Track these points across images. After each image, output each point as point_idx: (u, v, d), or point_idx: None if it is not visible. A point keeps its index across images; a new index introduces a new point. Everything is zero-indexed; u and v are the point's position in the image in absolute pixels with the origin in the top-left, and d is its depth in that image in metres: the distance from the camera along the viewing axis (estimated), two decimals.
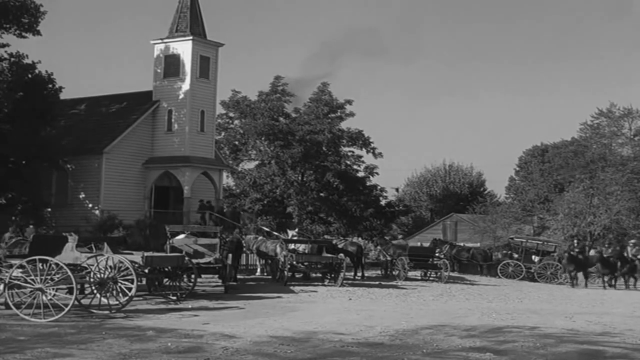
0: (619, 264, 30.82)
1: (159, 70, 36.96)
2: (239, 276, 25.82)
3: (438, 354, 11.42)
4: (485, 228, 53.95)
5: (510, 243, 39.08)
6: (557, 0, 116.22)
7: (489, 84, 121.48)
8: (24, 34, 31.90)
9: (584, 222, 46.49)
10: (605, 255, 31.74)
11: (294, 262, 24.97)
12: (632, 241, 34.47)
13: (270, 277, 26.84)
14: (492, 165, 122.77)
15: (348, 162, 55.44)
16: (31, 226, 24.97)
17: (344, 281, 24.89)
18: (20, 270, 15.49)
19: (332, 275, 25.41)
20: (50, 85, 32.08)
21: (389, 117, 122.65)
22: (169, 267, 19.40)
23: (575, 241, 36.95)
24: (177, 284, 19.58)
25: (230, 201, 50.20)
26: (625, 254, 32.07)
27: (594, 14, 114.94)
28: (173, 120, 36.37)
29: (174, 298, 18.88)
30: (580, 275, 31.56)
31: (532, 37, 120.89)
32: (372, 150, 54.41)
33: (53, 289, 15.12)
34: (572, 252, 32.64)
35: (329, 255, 26.27)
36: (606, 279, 30.83)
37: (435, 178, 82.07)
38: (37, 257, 15.62)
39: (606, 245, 35.14)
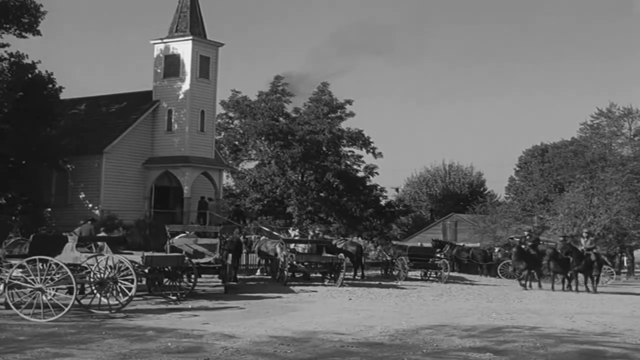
0: (571, 260, 26.89)
1: (159, 70, 36.96)
2: (239, 276, 25.81)
3: (438, 354, 11.42)
4: (485, 228, 53.96)
5: (510, 243, 39.07)
6: (557, 1, 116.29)
7: (489, 84, 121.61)
8: (24, 34, 31.89)
9: (584, 222, 46.47)
10: (558, 251, 27.50)
11: (294, 262, 24.99)
12: (585, 231, 30.22)
13: (270, 277, 26.84)
14: (492, 165, 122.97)
15: (348, 162, 55.45)
16: (89, 222, 24.84)
17: (344, 281, 24.89)
18: (20, 270, 15.48)
19: (332, 275, 25.42)
20: (50, 85, 32.07)
21: (390, 116, 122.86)
22: (169, 267, 19.41)
23: (526, 233, 31.08)
24: (177, 284, 19.58)
25: (230, 201, 50.20)
26: (580, 248, 27.93)
27: (594, 14, 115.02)
28: (173, 120, 36.36)
29: (174, 298, 18.87)
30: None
31: (532, 38, 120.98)
32: (372, 150, 54.43)
33: (53, 289, 15.12)
34: (522, 247, 28.35)
35: (329, 255, 26.28)
36: (559, 277, 27.68)
37: (435, 178, 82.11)
38: (37, 257, 15.62)
39: (561, 239, 29.79)
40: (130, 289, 16.11)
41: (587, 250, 27.44)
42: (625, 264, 56.69)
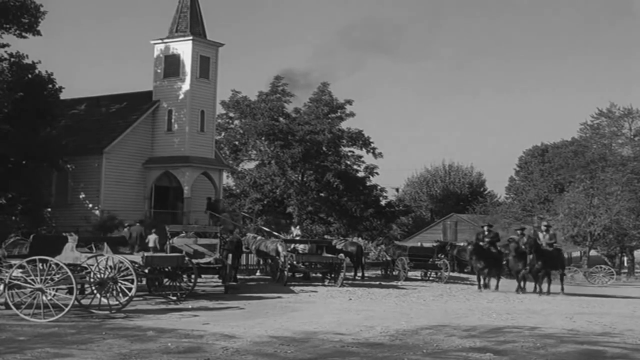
0: (531, 256, 23.78)
1: (159, 70, 36.95)
2: (239, 276, 25.82)
3: (438, 354, 11.42)
4: None
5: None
6: (557, 1, 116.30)
7: (489, 84, 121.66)
8: (24, 34, 31.86)
9: (584, 222, 46.54)
10: (520, 246, 24.44)
11: (294, 262, 24.99)
12: (544, 223, 26.80)
13: (269, 277, 26.84)
14: (492, 165, 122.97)
15: (348, 162, 55.41)
16: (137, 224, 24.73)
17: (344, 281, 24.90)
18: (20, 270, 15.49)
19: (332, 276, 25.42)
20: (50, 85, 32.04)
21: (390, 116, 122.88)
22: (169, 267, 19.42)
23: (485, 227, 27.02)
24: (177, 284, 19.59)
25: (230, 201, 50.17)
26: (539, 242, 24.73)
27: (594, 15, 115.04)
28: (173, 120, 36.35)
29: (174, 298, 18.88)
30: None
31: (532, 38, 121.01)
32: (372, 150, 54.39)
33: (53, 289, 15.12)
34: (480, 243, 25.54)
35: (329, 255, 26.28)
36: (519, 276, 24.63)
37: (435, 178, 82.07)
38: (37, 257, 15.62)
39: (518, 233, 25.91)
40: (130, 289, 16.12)
41: (547, 246, 24.65)
42: (625, 264, 56.74)
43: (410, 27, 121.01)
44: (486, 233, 26.34)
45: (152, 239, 24.47)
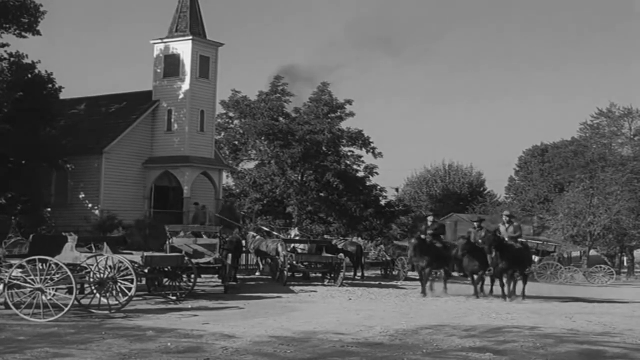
0: (494, 254, 20.18)
1: (159, 70, 36.96)
2: (239, 276, 25.82)
3: (438, 354, 11.42)
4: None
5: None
6: (557, 1, 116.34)
7: (489, 84, 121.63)
8: (24, 34, 31.89)
9: (584, 222, 46.55)
10: (476, 241, 20.80)
11: (294, 262, 24.98)
12: (506, 213, 22.88)
13: (270, 277, 26.84)
14: (492, 165, 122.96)
15: (348, 162, 55.40)
16: (181, 233, 23.84)
17: (344, 281, 24.90)
18: (20, 270, 15.48)
19: (332, 275, 25.42)
20: (50, 85, 32.06)
21: (390, 116, 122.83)
22: (169, 267, 19.42)
23: (430, 218, 22.99)
24: (177, 284, 19.60)
25: (230, 201, 50.16)
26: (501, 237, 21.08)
27: (595, 14, 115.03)
28: (173, 120, 36.37)
29: (174, 298, 18.88)
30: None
31: (532, 38, 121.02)
32: (372, 150, 54.37)
33: (53, 289, 15.11)
34: (422, 237, 21.77)
35: (329, 255, 26.28)
36: (475, 277, 21.26)
37: (435, 178, 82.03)
38: (37, 257, 15.62)
39: (475, 226, 21.79)
40: (130, 289, 16.12)
41: (510, 241, 21.19)
42: (625, 264, 56.77)
43: (414, 28, 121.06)
44: (429, 224, 22.40)
45: None
